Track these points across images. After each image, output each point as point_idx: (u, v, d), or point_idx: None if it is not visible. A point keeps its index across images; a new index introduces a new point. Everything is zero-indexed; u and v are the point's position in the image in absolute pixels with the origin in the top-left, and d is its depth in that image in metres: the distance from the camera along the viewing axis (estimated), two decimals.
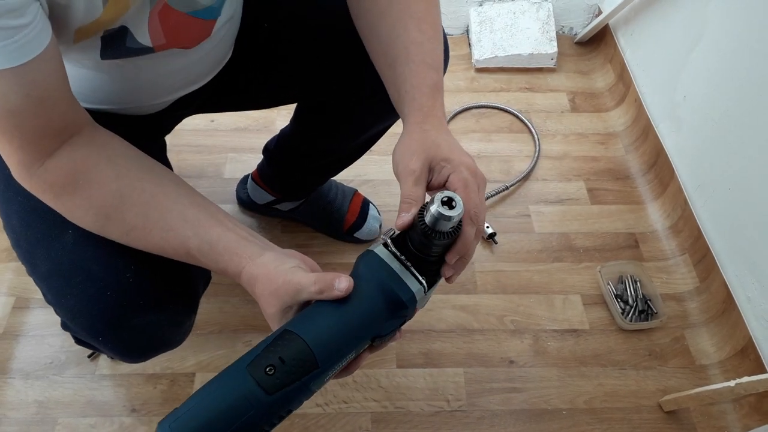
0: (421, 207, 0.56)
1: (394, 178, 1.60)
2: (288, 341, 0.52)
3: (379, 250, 0.58)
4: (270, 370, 0.50)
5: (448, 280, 0.61)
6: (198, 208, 0.63)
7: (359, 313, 0.55)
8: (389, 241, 0.58)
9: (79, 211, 0.62)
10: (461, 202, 0.53)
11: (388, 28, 0.70)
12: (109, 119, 0.67)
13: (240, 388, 0.50)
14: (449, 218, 0.52)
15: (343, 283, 0.55)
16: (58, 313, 0.75)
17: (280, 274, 0.58)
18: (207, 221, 0.62)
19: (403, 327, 0.61)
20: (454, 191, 0.58)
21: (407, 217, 0.57)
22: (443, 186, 0.62)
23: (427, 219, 0.53)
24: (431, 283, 0.58)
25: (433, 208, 0.52)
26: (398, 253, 0.57)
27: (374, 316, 0.56)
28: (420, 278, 0.56)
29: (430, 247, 0.55)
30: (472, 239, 0.59)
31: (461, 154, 0.63)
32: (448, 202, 0.52)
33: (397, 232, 0.59)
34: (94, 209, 0.61)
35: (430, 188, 0.63)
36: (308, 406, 1.11)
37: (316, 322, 0.54)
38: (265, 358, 0.51)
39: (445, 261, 0.59)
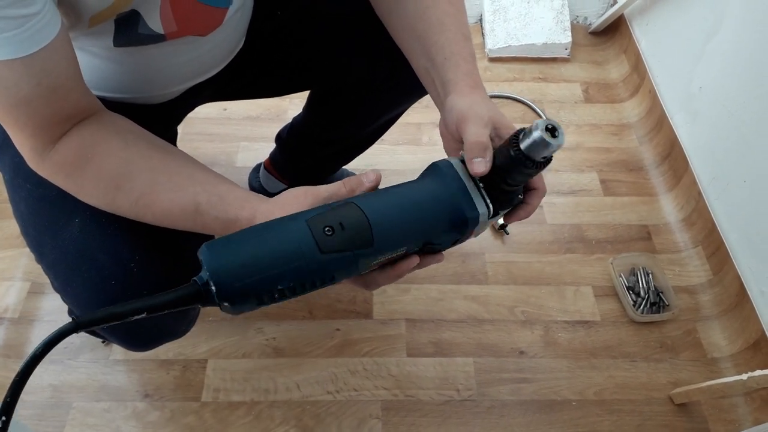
0: (516, 133, 0.53)
1: (405, 168, 1.60)
2: (351, 211, 0.51)
3: (455, 161, 0.57)
4: (329, 230, 0.49)
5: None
6: (205, 171, 0.63)
7: (421, 212, 0.54)
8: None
9: (89, 185, 0.61)
10: (564, 135, 0.51)
11: (415, 2, 0.69)
12: (120, 108, 0.67)
13: (296, 236, 0.49)
14: (549, 145, 0.50)
15: (370, 176, 0.55)
16: (64, 301, 0.75)
17: (299, 196, 0.57)
18: (215, 179, 0.62)
19: (447, 250, 0.60)
20: None
21: (485, 167, 0.54)
22: None
23: (525, 144, 0.51)
24: (497, 212, 0.57)
25: (537, 134, 0.50)
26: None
27: (434, 221, 0.55)
28: (488, 201, 0.55)
29: (513, 174, 0.54)
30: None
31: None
32: (552, 130, 0.50)
33: None
34: (104, 181, 0.60)
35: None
36: (319, 394, 1.12)
37: (379, 204, 0.53)
38: (325, 218, 0.50)
39: (519, 194, 0.59)
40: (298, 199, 0.56)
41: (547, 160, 0.53)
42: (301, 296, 0.51)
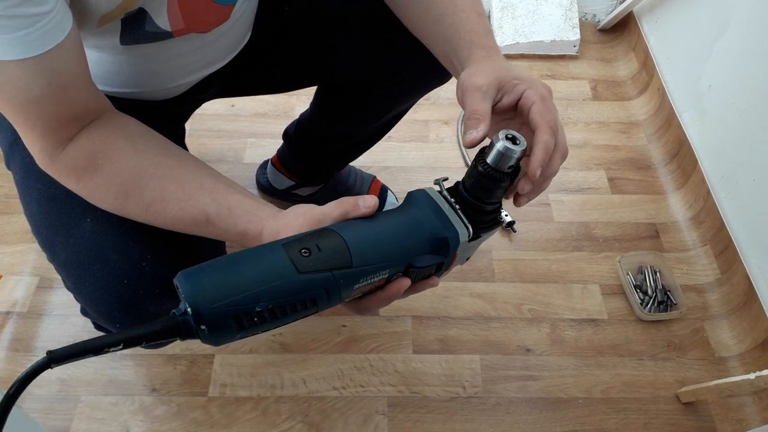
0: (480, 151, 0.55)
1: (412, 165, 1.60)
2: (326, 235, 0.52)
3: (430, 190, 0.58)
4: (305, 252, 0.49)
5: (516, 201, 0.59)
6: (215, 179, 0.63)
7: (399, 234, 0.55)
8: (442, 184, 0.58)
9: (99, 190, 0.62)
10: (524, 140, 0.53)
11: None
12: (128, 105, 0.67)
13: (271, 259, 0.49)
14: (512, 153, 0.52)
15: (368, 200, 0.54)
16: (77, 300, 0.76)
17: (300, 215, 0.56)
18: (224, 189, 0.62)
19: (439, 277, 0.59)
20: (530, 105, 0.57)
21: (475, 134, 0.55)
22: (517, 104, 0.59)
23: (490, 157, 0.53)
24: (477, 234, 0.57)
25: (499, 144, 0.52)
26: (448, 196, 0.57)
27: (413, 242, 0.55)
28: (466, 222, 0.56)
29: (488, 190, 0.55)
30: (552, 149, 0.57)
31: (533, 77, 0.61)
32: (512, 139, 0.53)
33: (448, 179, 0.59)
34: (114, 187, 0.61)
35: (503, 109, 0.60)
36: (325, 390, 1.12)
37: (356, 228, 0.53)
38: (301, 242, 0.50)
39: (498, 211, 0.58)
40: (298, 219, 0.56)
41: (515, 170, 0.55)
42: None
